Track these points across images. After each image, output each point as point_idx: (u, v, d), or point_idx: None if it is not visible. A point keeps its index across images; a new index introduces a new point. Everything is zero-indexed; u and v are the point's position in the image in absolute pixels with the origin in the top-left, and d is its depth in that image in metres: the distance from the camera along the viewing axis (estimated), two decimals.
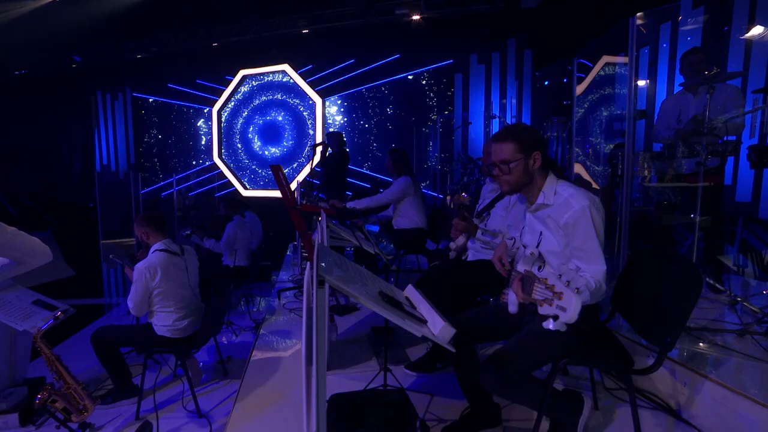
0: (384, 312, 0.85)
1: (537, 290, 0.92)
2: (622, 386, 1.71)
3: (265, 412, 1.61)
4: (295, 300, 3.01)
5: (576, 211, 1.19)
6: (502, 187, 1.34)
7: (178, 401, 2.43)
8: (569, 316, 0.83)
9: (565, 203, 1.23)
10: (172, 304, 2.22)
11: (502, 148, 1.27)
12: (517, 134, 1.27)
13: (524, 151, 1.26)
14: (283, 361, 2.03)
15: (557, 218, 1.24)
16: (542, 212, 1.30)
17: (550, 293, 0.86)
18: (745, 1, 4.37)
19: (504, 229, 1.93)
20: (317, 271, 0.78)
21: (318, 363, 0.74)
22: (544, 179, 1.30)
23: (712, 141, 1.98)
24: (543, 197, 1.29)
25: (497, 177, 1.31)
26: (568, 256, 1.21)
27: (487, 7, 7.20)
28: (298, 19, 8.19)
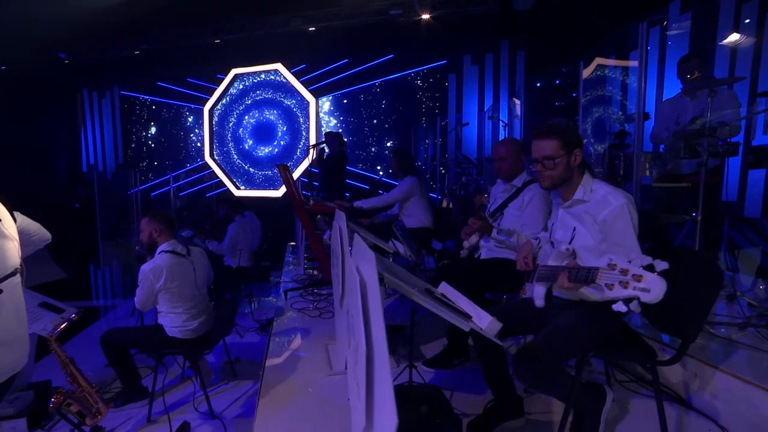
0: (434, 307, 0.88)
1: (602, 277, 0.98)
2: (633, 378, 1.78)
3: (288, 409, 1.62)
4: (302, 300, 3.01)
5: (615, 208, 1.24)
6: (543, 183, 1.38)
7: (189, 403, 2.41)
8: (654, 296, 0.89)
9: (603, 200, 1.28)
10: (180, 305, 2.20)
11: (546, 144, 1.32)
12: (560, 131, 1.32)
13: (567, 148, 1.31)
14: (300, 360, 2.04)
15: (595, 214, 1.29)
16: (577, 208, 1.35)
17: (626, 277, 0.91)
18: (730, 10, 4.54)
19: (518, 228, 1.98)
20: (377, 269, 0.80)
21: (379, 358, 0.76)
22: (581, 177, 1.35)
23: (713, 142, 2.07)
24: (579, 194, 1.34)
25: (539, 173, 1.35)
26: (602, 251, 1.26)
27: (481, 9, 7.27)
28: (291, 18, 8.14)
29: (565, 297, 1.40)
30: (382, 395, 0.71)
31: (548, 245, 1.61)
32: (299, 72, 8.93)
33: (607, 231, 1.27)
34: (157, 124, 10.00)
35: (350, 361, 1.11)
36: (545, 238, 1.65)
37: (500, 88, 7.63)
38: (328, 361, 2.01)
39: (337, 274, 1.84)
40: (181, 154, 9.90)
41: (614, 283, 0.95)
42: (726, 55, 4.49)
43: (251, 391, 2.56)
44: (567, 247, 1.35)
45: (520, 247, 1.68)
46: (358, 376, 0.90)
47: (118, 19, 7.97)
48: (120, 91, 10.08)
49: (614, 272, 0.96)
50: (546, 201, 1.98)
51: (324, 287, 3.17)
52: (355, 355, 0.96)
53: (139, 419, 2.25)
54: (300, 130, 9.11)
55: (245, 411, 2.34)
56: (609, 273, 0.98)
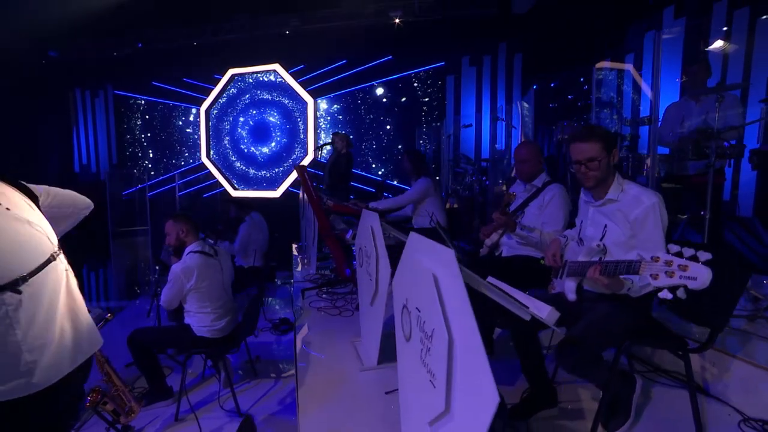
0: (499, 298, 0.94)
1: (646, 268, 1.06)
2: (650, 368, 1.88)
3: (329, 402, 1.67)
4: (319, 299, 3.05)
5: (647, 207, 1.33)
6: (587, 183, 1.46)
7: (214, 401, 2.44)
8: (701, 282, 0.97)
9: (635, 199, 1.37)
10: (208, 305, 2.23)
11: (589, 147, 1.40)
12: (600, 134, 1.41)
13: (607, 149, 1.40)
14: (330, 357, 2.09)
15: (627, 212, 1.37)
16: (609, 207, 1.44)
17: (671, 267, 1.00)
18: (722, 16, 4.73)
19: (539, 225, 2.06)
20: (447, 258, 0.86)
21: (464, 344, 0.82)
22: (614, 177, 1.44)
23: (720, 144, 2.19)
24: (612, 193, 1.42)
25: (583, 174, 1.43)
26: (632, 246, 1.35)
27: (480, 12, 7.38)
28: (290, 19, 8.15)
29: (596, 291, 1.49)
30: (474, 377, 0.77)
31: (574, 242, 1.70)
32: (297, 72, 8.94)
33: (637, 228, 1.35)
34: (152, 124, 9.88)
35: (408, 353, 1.17)
36: (572, 235, 1.74)
37: (498, 90, 7.75)
38: (358, 357, 2.07)
39: (369, 272, 1.90)
40: (177, 155, 9.81)
41: (659, 273, 1.03)
42: (718, 61, 4.67)
43: (275, 388, 2.60)
44: (598, 243, 1.44)
45: (549, 243, 1.77)
46: (430, 364, 0.97)
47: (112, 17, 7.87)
48: (114, 90, 9.94)
49: (658, 264, 1.05)
50: (566, 200, 2.07)
51: (339, 286, 3.21)
52: (423, 345, 1.02)
53: (167, 418, 2.27)
54: (298, 131, 9.11)
55: (271, 408, 2.38)
56: (653, 264, 1.06)
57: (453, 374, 0.87)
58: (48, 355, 1.03)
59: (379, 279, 1.81)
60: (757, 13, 4.31)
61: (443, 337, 0.89)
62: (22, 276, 1.01)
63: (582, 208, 1.60)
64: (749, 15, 4.40)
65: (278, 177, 9.24)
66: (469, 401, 0.81)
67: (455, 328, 0.87)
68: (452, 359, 0.87)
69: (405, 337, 1.19)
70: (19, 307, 0.99)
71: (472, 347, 0.78)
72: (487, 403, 0.72)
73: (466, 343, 0.81)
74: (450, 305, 0.90)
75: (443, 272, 0.93)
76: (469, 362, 0.80)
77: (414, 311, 1.10)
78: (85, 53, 9.04)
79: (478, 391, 0.76)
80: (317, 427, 1.51)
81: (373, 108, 8.58)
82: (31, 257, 1.05)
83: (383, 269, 1.75)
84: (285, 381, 2.67)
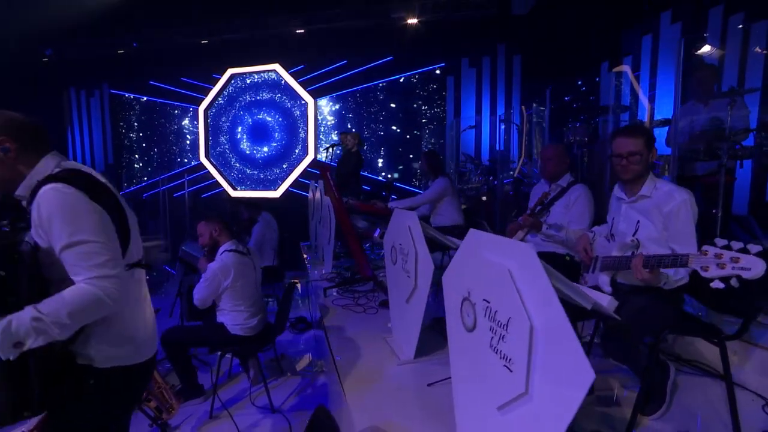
0: (564, 287, 1.02)
1: (694, 261, 1.15)
2: (671, 358, 1.99)
3: (374, 393, 1.73)
4: (340, 297, 3.11)
5: (679, 202, 1.43)
6: (625, 175, 1.55)
7: (244, 398, 2.48)
8: (756, 272, 1.06)
9: (668, 195, 1.47)
10: (242, 303, 2.27)
11: (633, 141, 1.49)
12: (644, 132, 1.52)
13: (648, 147, 1.50)
14: (365, 352, 2.14)
15: (660, 208, 1.47)
16: (642, 203, 1.53)
17: (722, 259, 1.08)
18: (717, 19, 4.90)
19: (565, 224, 2.15)
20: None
21: (548, 330, 0.89)
22: (648, 174, 1.53)
23: (731, 146, 2.31)
24: (645, 190, 1.52)
25: (623, 167, 1.52)
26: (664, 240, 1.44)
27: (479, 13, 7.49)
28: (291, 20, 8.16)
29: (630, 283, 1.58)
30: (564, 357, 0.84)
31: (602, 238, 1.79)
32: (297, 72, 8.95)
33: (670, 223, 1.45)
34: (149, 123, 9.78)
35: (470, 343, 1.24)
36: (600, 231, 1.83)
37: (497, 92, 7.87)
38: (392, 353, 2.13)
39: (407, 269, 1.96)
40: (175, 154, 9.73)
41: (709, 265, 1.12)
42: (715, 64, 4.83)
43: (302, 385, 2.64)
44: (632, 238, 1.53)
45: (578, 239, 1.85)
46: (505, 350, 1.04)
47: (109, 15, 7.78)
48: (110, 89, 9.81)
49: (707, 257, 1.13)
50: (591, 200, 2.17)
51: (358, 284, 3.27)
52: (494, 334, 1.09)
53: (201, 415, 2.30)
54: (298, 131, 9.12)
55: (302, 404, 2.42)
56: (701, 258, 1.15)
57: (533, 357, 0.94)
58: (148, 332, 1.16)
59: (418, 276, 1.88)
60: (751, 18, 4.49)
61: (524, 324, 0.96)
62: (140, 259, 1.15)
63: (614, 205, 1.69)
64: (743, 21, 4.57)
65: (278, 177, 9.24)
66: (557, 381, 0.88)
67: (535, 315, 0.94)
68: (533, 344, 0.94)
69: (466, 328, 1.25)
70: (140, 282, 1.15)
71: (560, 330, 0.86)
72: (581, 380, 0.80)
73: (552, 327, 0.89)
74: (528, 294, 0.97)
75: (519, 265, 1.00)
76: (557, 344, 0.87)
77: (480, 303, 1.16)
78: (81, 52, 8.92)
79: (569, 371, 0.83)
80: (364, 419, 1.56)
81: (373, 108, 8.64)
82: (139, 243, 1.17)
83: (424, 267, 1.81)
84: (312, 378, 2.71)
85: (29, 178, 1.04)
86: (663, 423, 1.49)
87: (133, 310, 1.11)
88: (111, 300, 0.96)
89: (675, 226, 1.45)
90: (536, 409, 0.95)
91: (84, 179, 1.02)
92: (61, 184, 0.96)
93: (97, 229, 0.97)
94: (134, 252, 1.12)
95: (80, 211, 0.96)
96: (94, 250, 0.96)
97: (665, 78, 5.39)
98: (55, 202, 0.95)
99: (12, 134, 1.03)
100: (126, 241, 1.07)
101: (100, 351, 1.04)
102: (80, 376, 1.03)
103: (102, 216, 1.00)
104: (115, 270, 0.98)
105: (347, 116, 8.81)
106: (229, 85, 9.43)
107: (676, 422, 1.48)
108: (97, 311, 0.96)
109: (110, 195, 1.05)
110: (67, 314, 0.92)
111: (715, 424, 1.48)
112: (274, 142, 9.22)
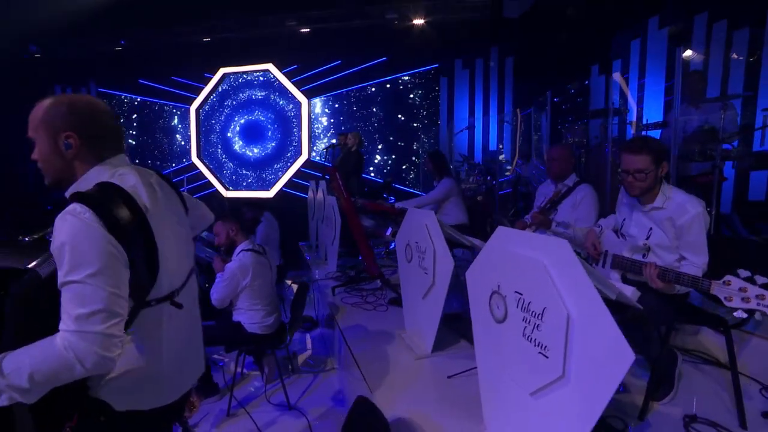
0: (592, 278, 1.10)
1: (717, 289, 1.23)
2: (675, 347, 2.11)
3: (397, 385, 1.79)
4: (349, 295, 3.15)
5: (692, 215, 1.51)
6: (632, 192, 1.61)
7: (260, 396, 2.51)
8: None
9: (680, 207, 1.54)
10: (259, 302, 2.30)
11: (639, 159, 1.54)
12: (652, 148, 1.55)
13: (656, 163, 1.55)
14: (382, 348, 2.20)
15: (673, 219, 1.55)
16: (655, 214, 1.61)
17: (747, 293, 1.17)
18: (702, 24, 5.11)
19: (572, 222, 2.25)
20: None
21: (584, 317, 0.97)
22: (661, 185, 1.61)
23: (722, 147, 2.45)
24: (659, 202, 1.59)
25: (629, 183, 1.59)
26: (675, 248, 1.54)
27: (473, 15, 7.59)
28: (286, 19, 8.13)
29: (639, 279, 1.68)
30: (602, 341, 0.92)
31: (609, 231, 1.89)
32: (290, 72, 8.93)
33: (683, 234, 1.54)
34: (139, 123, 9.62)
35: (501, 333, 1.31)
36: (606, 224, 1.93)
37: (490, 93, 8.00)
38: (407, 348, 2.19)
39: (424, 267, 2.03)
40: (165, 154, 9.59)
41: (733, 296, 1.20)
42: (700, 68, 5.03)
43: (316, 382, 2.68)
44: (644, 242, 1.62)
45: (585, 235, 1.95)
46: (539, 338, 1.11)
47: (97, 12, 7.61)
48: (97, 88, 9.61)
49: (730, 287, 1.21)
50: (596, 199, 2.28)
51: (365, 282, 3.32)
52: (527, 324, 1.16)
53: (218, 413, 2.32)
54: (291, 131, 9.10)
55: (319, 401, 2.46)
56: (724, 288, 1.23)
57: (570, 343, 1.02)
58: (175, 371, 0.99)
59: (436, 273, 1.94)
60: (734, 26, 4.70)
61: (560, 313, 1.03)
62: (177, 288, 0.98)
63: (624, 205, 1.78)
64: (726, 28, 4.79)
65: (271, 177, 9.20)
66: (595, 364, 0.96)
67: (571, 304, 1.02)
68: (570, 330, 1.02)
69: (496, 319, 1.33)
70: (170, 318, 0.96)
71: (598, 316, 0.93)
72: (620, 361, 0.88)
73: (590, 313, 0.96)
74: (563, 285, 1.05)
75: (553, 258, 1.08)
76: (595, 329, 0.95)
77: (512, 295, 1.23)
78: (68, 49, 8.70)
79: (608, 353, 0.91)
80: (391, 410, 1.62)
81: (367, 108, 8.68)
82: (183, 267, 1.03)
83: (443, 264, 1.88)
84: (324, 375, 2.75)
85: (75, 186, 0.92)
86: (671, 407, 1.59)
87: (155, 349, 0.93)
88: (84, 365, 0.77)
89: (688, 238, 1.53)
90: (574, 391, 1.03)
91: (111, 200, 0.84)
92: (80, 206, 0.81)
93: (102, 269, 0.79)
94: (165, 283, 0.93)
95: (92, 243, 0.80)
96: (87, 294, 0.78)
97: (653, 81, 5.60)
98: (68, 229, 0.80)
99: (81, 131, 0.91)
100: (153, 272, 0.90)
101: (112, 391, 0.89)
102: (90, 411, 0.89)
103: (116, 253, 0.82)
104: (101, 326, 0.78)
105: (339, 117, 8.83)
106: (222, 85, 9.35)
107: (683, 407, 1.58)
108: (66, 375, 0.78)
109: (140, 219, 0.87)
110: (29, 376, 0.76)
111: (719, 406, 1.59)
112: (268, 142, 9.18)
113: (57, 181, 0.96)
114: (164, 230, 0.94)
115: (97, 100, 0.99)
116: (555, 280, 1.07)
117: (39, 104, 0.94)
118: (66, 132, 0.91)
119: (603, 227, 1.91)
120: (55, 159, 0.92)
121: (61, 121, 0.91)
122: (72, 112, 0.92)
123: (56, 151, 0.92)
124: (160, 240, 0.91)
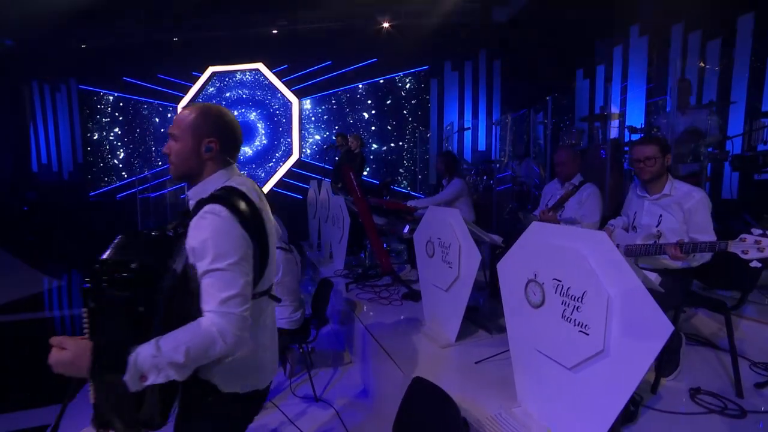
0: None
1: (733, 246, 1.42)
2: None
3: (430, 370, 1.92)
4: (362, 291, 3.25)
5: (698, 200, 1.74)
6: (644, 176, 1.84)
7: (284, 390, 2.58)
8: None
9: (687, 194, 1.77)
10: (287, 298, 2.38)
11: (648, 149, 1.79)
12: (657, 140, 1.82)
13: (662, 153, 1.80)
14: (407, 338, 2.32)
15: (681, 204, 1.77)
16: (664, 200, 1.82)
17: (762, 244, 1.36)
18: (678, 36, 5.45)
19: (578, 218, 2.44)
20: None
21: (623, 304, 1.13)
22: (667, 176, 1.83)
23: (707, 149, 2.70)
24: (667, 189, 1.82)
25: (641, 169, 1.82)
26: (684, 231, 1.74)
27: (462, 19, 7.78)
28: (276, 19, 8.11)
29: (650, 267, 1.87)
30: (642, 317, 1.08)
31: (620, 229, 2.08)
32: (281, 72, 8.91)
33: (690, 217, 1.75)
34: (123, 121, 9.36)
35: (538, 317, 1.46)
36: (617, 223, 2.12)
37: (479, 95, 8.22)
38: (430, 338, 2.32)
39: (448, 261, 2.17)
40: (151, 154, 9.38)
41: (749, 249, 1.39)
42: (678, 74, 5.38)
43: (337, 376, 2.77)
44: (657, 229, 1.83)
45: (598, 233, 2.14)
46: (580, 318, 1.26)
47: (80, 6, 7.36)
48: (78, 85, 9.29)
49: (746, 243, 1.41)
50: (600, 197, 2.47)
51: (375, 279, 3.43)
52: (566, 306, 1.31)
53: None
54: (281, 131, 9.08)
55: (343, 393, 2.55)
56: (740, 243, 1.42)
57: (610, 321, 1.18)
58: (269, 359, 1.10)
59: (461, 266, 2.09)
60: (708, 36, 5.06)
61: (601, 295, 1.19)
62: (273, 284, 1.11)
63: (634, 201, 1.98)
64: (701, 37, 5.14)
65: (261, 177, 9.15)
66: (635, 337, 1.12)
67: (610, 286, 1.18)
68: (609, 309, 1.17)
69: (532, 305, 1.48)
70: (266, 310, 1.07)
71: (637, 294, 1.09)
72: (659, 333, 1.04)
73: (628, 293, 1.12)
74: (602, 270, 1.20)
75: (592, 247, 1.24)
76: (633, 306, 1.11)
77: (550, 282, 1.39)
78: (46, 43, 8.37)
79: (647, 326, 1.07)
80: None
81: (357, 109, 8.77)
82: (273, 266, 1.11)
83: (470, 258, 2.02)
84: (344, 369, 2.85)
85: (202, 185, 1.02)
86: (678, 382, 1.79)
87: (258, 337, 1.04)
88: (225, 341, 0.87)
89: (696, 218, 1.75)
90: (614, 362, 1.18)
91: (238, 200, 0.96)
92: (219, 206, 0.92)
93: (240, 259, 0.91)
94: (267, 277, 1.05)
95: (231, 237, 0.91)
96: (229, 280, 0.89)
97: (635, 86, 5.95)
98: (210, 226, 0.91)
99: (222, 138, 1.03)
100: (263, 267, 1.02)
101: (221, 373, 0.98)
102: (199, 392, 0.99)
103: (248, 245, 0.94)
104: (239, 309, 0.89)
105: (330, 117, 8.88)
106: (210, 83, 9.22)
107: (687, 381, 1.79)
108: (210, 350, 0.87)
109: (258, 218, 0.99)
110: (185, 351, 0.84)
111: (717, 380, 1.80)
112: (257, 141, 9.13)
113: (185, 176, 1.05)
114: (269, 230, 1.05)
115: (231, 113, 1.09)
116: (594, 266, 1.22)
117: (190, 109, 1.04)
118: (210, 138, 1.02)
119: (615, 226, 2.10)
120: (192, 158, 1.03)
121: (209, 127, 1.02)
122: (218, 122, 1.04)
123: (196, 152, 1.02)
124: (268, 239, 1.04)
